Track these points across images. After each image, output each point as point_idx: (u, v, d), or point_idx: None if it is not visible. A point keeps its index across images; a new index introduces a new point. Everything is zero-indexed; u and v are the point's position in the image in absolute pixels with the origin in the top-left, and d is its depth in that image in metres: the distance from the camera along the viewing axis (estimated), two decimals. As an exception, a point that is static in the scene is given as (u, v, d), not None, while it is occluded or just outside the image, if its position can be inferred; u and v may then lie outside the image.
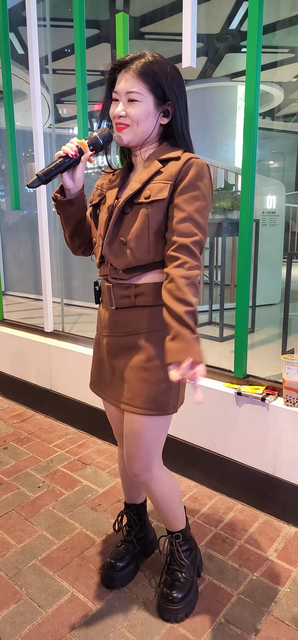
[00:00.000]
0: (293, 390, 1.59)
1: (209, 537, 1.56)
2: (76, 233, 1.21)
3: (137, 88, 1.03)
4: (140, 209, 1.06)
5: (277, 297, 3.85)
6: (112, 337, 1.17)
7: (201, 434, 1.85)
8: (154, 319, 1.11)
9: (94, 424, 2.31)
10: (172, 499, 1.25)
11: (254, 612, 1.26)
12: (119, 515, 1.44)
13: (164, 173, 1.06)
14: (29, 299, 3.97)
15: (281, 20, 5.58)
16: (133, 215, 1.07)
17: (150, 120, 1.07)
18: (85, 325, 2.87)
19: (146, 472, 1.18)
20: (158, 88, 1.05)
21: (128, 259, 1.08)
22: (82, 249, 1.26)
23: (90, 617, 1.25)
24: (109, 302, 1.16)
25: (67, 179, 1.10)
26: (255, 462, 1.71)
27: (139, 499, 1.42)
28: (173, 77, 1.07)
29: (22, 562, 1.46)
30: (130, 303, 1.12)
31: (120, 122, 1.06)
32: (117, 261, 1.09)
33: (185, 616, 1.24)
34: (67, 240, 1.25)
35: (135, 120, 1.05)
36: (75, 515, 1.69)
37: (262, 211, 3.63)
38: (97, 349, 1.27)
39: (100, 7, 5.11)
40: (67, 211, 1.15)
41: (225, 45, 6.49)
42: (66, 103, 8.73)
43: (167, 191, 1.04)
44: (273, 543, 1.53)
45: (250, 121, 1.64)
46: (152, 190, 1.05)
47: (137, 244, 1.06)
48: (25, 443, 2.26)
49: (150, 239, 1.06)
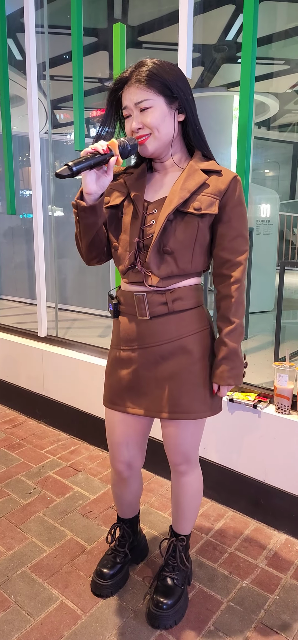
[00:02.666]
0: (284, 397, 1.61)
1: (200, 544, 1.56)
2: (95, 242, 1.12)
3: (144, 96, 1.03)
4: (188, 219, 1.04)
5: (271, 304, 3.88)
6: (145, 349, 1.12)
7: (193, 441, 1.86)
8: (193, 321, 1.12)
9: (86, 430, 2.30)
10: (196, 497, 1.28)
11: (243, 619, 1.26)
12: (112, 528, 1.42)
13: (211, 187, 1.06)
14: (23, 304, 3.97)
15: (277, 33, 5.67)
16: (179, 224, 1.05)
17: (168, 121, 1.05)
18: (79, 330, 2.87)
19: (186, 463, 1.22)
20: (165, 88, 1.04)
21: (171, 267, 1.06)
22: (97, 258, 1.18)
23: (79, 625, 1.24)
24: (140, 312, 1.11)
25: (91, 181, 1.00)
26: (247, 469, 1.71)
27: (133, 513, 1.41)
28: (176, 74, 1.07)
29: (11, 569, 1.45)
30: (167, 310, 1.09)
31: (140, 134, 1.05)
32: (158, 270, 1.06)
33: (174, 623, 1.24)
34: (83, 250, 1.15)
35: (154, 126, 1.04)
36: (66, 522, 1.68)
37: (256, 220, 3.66)
38: (117, 364, 1.18)
39: (98, 16, 5.15)
40: (87, 219, 1.06)
41: (222, 55, 6.57)
42: (63, 109, 8.77)
43: (217, 207, 1.05)
44: (264, 550, 1.54)
45: (244, 132, 1.67)
46: (203, 203, 1.04)
47: (182, 254, 1.06)
48: (17, 449, 2.25)
49: (195, 250, 1.07)
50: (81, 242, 1.14)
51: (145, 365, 1.13)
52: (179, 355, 1.11)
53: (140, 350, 1.13)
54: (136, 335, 1.13)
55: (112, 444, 1.25)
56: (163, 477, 1.96)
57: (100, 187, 1.02)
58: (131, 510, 1.39)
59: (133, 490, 1.33)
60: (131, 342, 1.14)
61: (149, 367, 1.13)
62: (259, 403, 1.67)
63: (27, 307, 3.78)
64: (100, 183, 1.02)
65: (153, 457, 1.81)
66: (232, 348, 1.09)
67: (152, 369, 1.13)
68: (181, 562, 1.29)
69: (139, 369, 1.14)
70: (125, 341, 1.16)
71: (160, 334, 1.11)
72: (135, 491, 1.34)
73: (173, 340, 1.11)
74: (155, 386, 1.13)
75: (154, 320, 1.10)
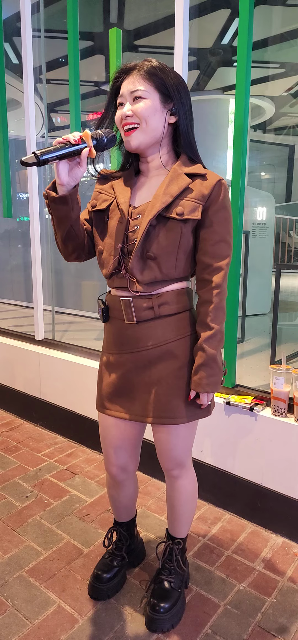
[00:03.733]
0: (281, 400, 1.61)
1: (197, 548, 1.56)
2: (69, 236, 1.11)
3: (142, 86, 1.03)
4: (171, 224, 1.04)
5: (267, 307, 3.89)
6: (133, 354, 1.12)
7: (190, 444, 1.86)
8: (180, 326, 1.11)
9: (83, 433, 2.30)
10: (191, 500, 1.28)
11: (241, 623, 1.27)
12: (109, 532, 1.42)
13: (195, 191, 1.05)
14: (19, 307, 3.96)
15: (272, 36, 5.71)
16: (161, 229, 1.04)
17: (157, 117, 1.05)
18: (76, 333, 2.87)
19: (179, 467, 1.21)
20: (163, 86, 1.05)
21: (154, 273, 1.06)
22: (75, 254, 1.17)
23: (76, 628, 1.24)
24: (127, 317, 1.10)
25: (63, 172, 0.99)
26: (243, 472, 1.72)
27: (129, 517, 1.41)
28: (178, 81, 1.08)
29: (8, 572, 1.44)
30: (153, 315, 1.09)
31: (128, 122, 1.04)
32: (141, 275, 1.06)
33: (171, 627, 1.24)
34: (59, 244, 1.14)
35: (143, 116, 1.03)
36: (62, 525, 1.68)
37: (252, 222, 3.68)
38: (106, 369, 1.19)
39: (94, 20, 5.17)
40: (59, 211, 1.05)
41: (218, 59, 6.61)
42: (60, 112, 8.78)
43: (200, 212, 1.04)
44: (261, 553, 1.54)
45: (240, 135, 1.68)
46: (185, 208, 1.04)
47: (166, 260, 1.05)
48: (13, 452, 2.24)
49: (179, 255, 1.06)
50: (56, 236, 1.13)
51: (134, 369, 1.13)
52: (166, 360, 1.11)
53: (129, 355, 1.13)
54: (124, 340, 1.13)
55: (105, 448, 1.26)
56: (160, 480, 1.96)
57: (72, 178, 1.01)
58: (127, 514, 1.39)
59: (128, 493, 1.33)
60: (120, 346, 1.14)
61: (137, 372, 1.13)
62: (256, 406, 1.67)
63: (24, 310, 3.78)
64: (73, 174, 1.01)
65: (150, 460, 1.82)
66: (210, 354, 1.07)
67: (141, 373, 1.13)
68: (178, 565, 1.29)
69: (127, 374, 1.14)
70: (114, 345, 1.16)
71: (147, 339, 1.10)
72: (130, 494, 1.35)
73: (160, 344, 1.10)
74: (143, 391, 1.13)
75: (141, 325, 1.10)
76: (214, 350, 1.07)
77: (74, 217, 1.08)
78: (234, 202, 1.72)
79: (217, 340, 1.08)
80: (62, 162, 0.99)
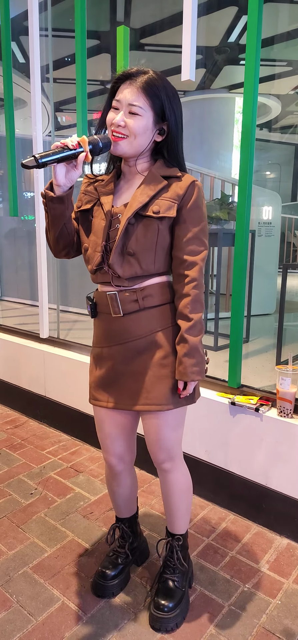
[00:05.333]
0: (287, 401, 1.61)
1: (201, 548, 1.56)
2: (62, 234, 1.18)
3: (140, 102, 1.07)
4: (148, 222, 1.09)
5: (272, 307, 3.88)
6: (121, 345, 1.17)
7: (194, 444, 1.86)
8: (164, 317, 1.16)
9: (87, 431, 2.31)
10: (185, 494, 1.29)
11: (245, 623, 1.26)
12: (111, 529, 1.43)
13: (170, 191, 1.11)
14: (24, 305, 3.97)
15: (279, 34, 5.68)
16: (139, 227, 1.10)
17: (147, 135, 1.11)
18: (81, 332, 2.88)
19: (169, 460, 1.23)
20: (159, 107, 1.10)
21: (134, 269, 1.11)
22: (65, 250, 1.23)
23: (80, 626, 1.25)
24: (114, 310, 1.16)
25: (60, 174, 1.07)
26: (248, 473, 1.71)
27: (130, 513, 1.42)
28: (174, 97, 1.12)
29: (13, 569, 1.45)
30: (138, 307, 1.14)
31: (118, 131, 1.09)
32: (122, 270, 1.11)
33: (175, 626, 1.24)
34: (51, 241, 1.21)
35: (134, 132, 1.08)
36: (67, 523, 1.69)
37: (258, 222, 3.66)
38: (96, 363, 1.24)
39: (101, 19, 5.17)
40: (55, 210, 1.12)
41: (224, 57, 6.58)
42: (66, 111, 8.79)
43: (174, 210, 1.10)
44: (265, 554, 1.54)
45: (248, 133, 1.67)
46: (161, 207, 1.09)
47: (144, 256, 1.10)
48: (18, 449, 2.25)
49: (157, 251, 1.11)
50: (49, 233, 1.19)
51: (122, 361, 1.18)
52: (152, 350, 1.15)
53: (117, 347, 1.18)
54: (112, 333, 1.18)
55: (101, 439, 1.30)
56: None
57: (69, 180, 1.09)
58: (128, 509, 1.40)
59: (127, 484, 1.36)
60: (108, 339, 1.19)
61: (126, 362, 1.18)
62: (261, 406, 1.67)
63: (29, 309, 3.79)
64: (69, 177, 1.08)
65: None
66: (192, 343, 1.11)
67: (129, 363, 1.17)
68: (179, 562, 1.29)
69: (116, 365, 1.19)
70: (103, 339, 1.21)
71: (134, 330, 1.15)
72: (129, 486, 1.37)
73: (146, 335, 1.15)
74: (131, 380, 1.18)
75: (127, 317, 1.15)
76: (196, 339, 1.12)
77: (68, 216, 1.15)
78: (241, 201, 1.72)
79: (197, 330, 1.12)
80: (60, 165, 1.06)
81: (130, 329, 1.15)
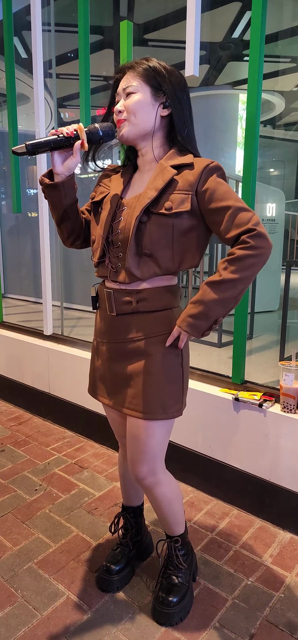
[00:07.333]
0: (290, 396, 1.60)
1: (205, 542, 1.57)
2: (63, 221, 1.18)
3: (132, 82, 1.06)
4: (161, 220, 1.04)
5: (276, 304, 3.87)
6: (112, 344, 1.16)
7: (198, 439, 1.86)
8: (157, 324, 1.11)
9: (91, 427, 2.31)
10: (174, 502, 1.25)
11: (249, 617, 1.27)
12: (116, 517, 1.44)
13: (182, 182, 1.04)
14: (28, 302, 3.98)
15: (283, 30, 5.64)
16: (152, 225, 1.05)
17: (147, 111, 1.07)
18: (84, 329, 2.88)
19: (151, 475, 1.18)
20: (153, 79, 1.06)
21: (153, 269, 1.07)
22: (71, 239, 1.23)
23: (85, 620, 1.25)
24: (109, 309, 1.15)
25: (57, 162, 1.07)
26: (252, 468, 1.71)
27: (137, 501, 1.43)
28: (174, 75, 1.08)
29: (18, 564, 1.46)
30: (131, 309, 1.11)
31: (119, 117, 1.08)
32: (140, 272, 1.06)
33: (180, 620, 1.25)
34: (56, 227, 1.23)
35: (131, 111, 1.06)
36: (71, 518, 1.69)
37: (262, 219, 3.65)
38: (95, 354, 1.26)
39: (104, 14, 5.15)
40: (53, 197, 1.13)
41: (228, 53, 6.55)
42: (69, 107, 8.77)
43: (189, 202, 1.03)
44: (269, 549, 1.54)
45: (252, 130, 1.66)
46: (174, 202, 1.04)
47: (162, 255, 1.06)
48: (22, 446, 2.26)
49: (175, 249, 1.06)
50: (53, 218, 1.20)
51: (113, 359, 1.17)
52: (140, 356, 1.11)
53: (109, 345, 1.17)
54: (106, 330, 1.18)
55: (109, 422, 1.33)
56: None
57: (66, 168, 1.08)
58: (136, 496, 1.41)
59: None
60: (103, 335, 1.20)
61: (116, 362, 1.17)
62: (265, 402, 1.67)
63: (33, 306, 3.80)
64: (67, 165, 1.08)
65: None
66: (205, 297, 1.02)
67: (119, 364, 1.16)
68: (178, 561, 1.29)
69: (107, 362, 1.19)
70: (100, 333, 1.21)
71: (124, 332, 1.13)
72: None
73: (135, 339, 1.12)
74: (120, 382, 1.16)
75: (120, 317, 1.13)
76: (213, 296, 1.02)
77: (66, 203, 1.15)
78: (245, 197, 1.71)
79: (220, 290, 1.01)
80: (56, 153, 1.06)
81: (121, 330, 1.13)
